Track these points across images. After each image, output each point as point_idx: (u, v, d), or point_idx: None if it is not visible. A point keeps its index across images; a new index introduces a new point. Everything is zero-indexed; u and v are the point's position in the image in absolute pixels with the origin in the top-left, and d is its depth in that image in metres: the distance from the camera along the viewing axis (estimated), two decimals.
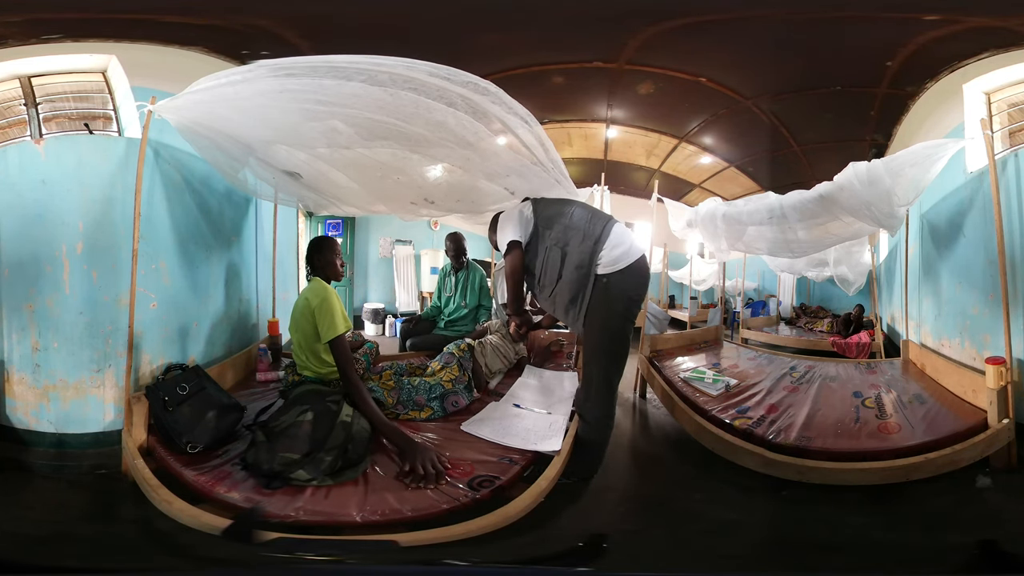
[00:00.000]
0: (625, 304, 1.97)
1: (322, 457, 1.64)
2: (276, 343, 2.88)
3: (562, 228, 2.02)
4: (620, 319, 1.97)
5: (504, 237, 2.07)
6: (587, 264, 1.94)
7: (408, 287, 4.70)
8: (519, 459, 1.80)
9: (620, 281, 1.93)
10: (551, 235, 2.03)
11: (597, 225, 1.99)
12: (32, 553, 1.47)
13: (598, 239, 1.95)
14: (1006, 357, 2.05)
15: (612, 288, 1.93)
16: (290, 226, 3.57)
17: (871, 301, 3.83)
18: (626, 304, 1.97)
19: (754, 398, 2.56)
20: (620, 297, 1.95)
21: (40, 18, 2.10)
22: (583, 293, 1.95)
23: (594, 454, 2.01)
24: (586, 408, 2.02)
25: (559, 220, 2.04)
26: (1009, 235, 2.17)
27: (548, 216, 2.08)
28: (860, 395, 2.56)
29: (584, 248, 1.95)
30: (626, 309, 1.98)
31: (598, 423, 2.00)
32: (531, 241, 2.08)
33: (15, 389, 2.02)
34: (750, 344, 4.09)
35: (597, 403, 1.99)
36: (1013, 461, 1.97)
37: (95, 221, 1.98)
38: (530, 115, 1.88)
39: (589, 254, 1.94)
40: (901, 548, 1.58)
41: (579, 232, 1.99)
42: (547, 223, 2.06)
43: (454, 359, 2.47)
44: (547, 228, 2.04)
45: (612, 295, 1.93)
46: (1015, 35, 2.29)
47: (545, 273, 2.04)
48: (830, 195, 2.63)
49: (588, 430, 2.00)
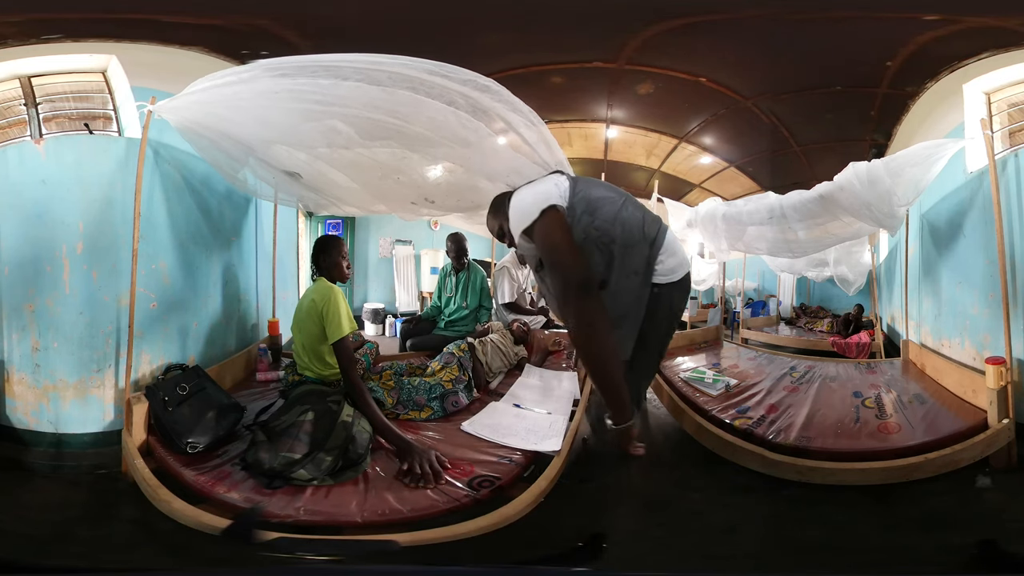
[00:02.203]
0: (671, 322, 1.66)
1: (323, 457, 1.65)
2: (276, 343, 2.88)
3: (610, 219, 1.51)
4: (666, 337, 1.70)
5: (530, 205, 1.51)
6: (643, 271, 1.53)
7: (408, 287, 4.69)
8: (519, 459, 1.80)
9: (670, 294, 1.58)
10: (594, 224, 1.50)
11: (653, 225, 1.58)
12: (32, 553, 1.48)
13: (653, 242, 1.55)
14: (1006, 357, 2.05)
15: (663, 300, 1.57)
16: (290, 226, 3.57)
17: (871, 301, 3.83)
18: (671, 322, 1.67)
19: (754, 398, 2.56)
20: (669, 314, 1.62)
21: (40, 18, 2.10)
22: (638, 309, 1.54)
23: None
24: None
25: (605, 207, 1.53)
26: (1009, 235, 2.17)
27: (591, 199, 1.54)
28: (860, 395, 2.56)
29: (640, 252, 1.53)
30: (671, 328, 1.69)
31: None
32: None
33: (15, 389, 2.01)
34: (750, 344, 4.08)
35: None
36: (1013, 461, 1.97)
37: (95, 221, 1.98)
38: (533, 113, 1.87)
39: (646, 260, 1.53)
40: (901, 548, 1.58)
41: (633, 230, 1.53)
42: (589, 208, 1.52)
43: (454, 359, 2.47)
44: (588, 214, 1.51)
45: (662, 310, 1.58)
46: (1015, 35, 2.29)
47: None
48: (830, 195, 2.63)
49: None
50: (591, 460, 2.23)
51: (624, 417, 1.47)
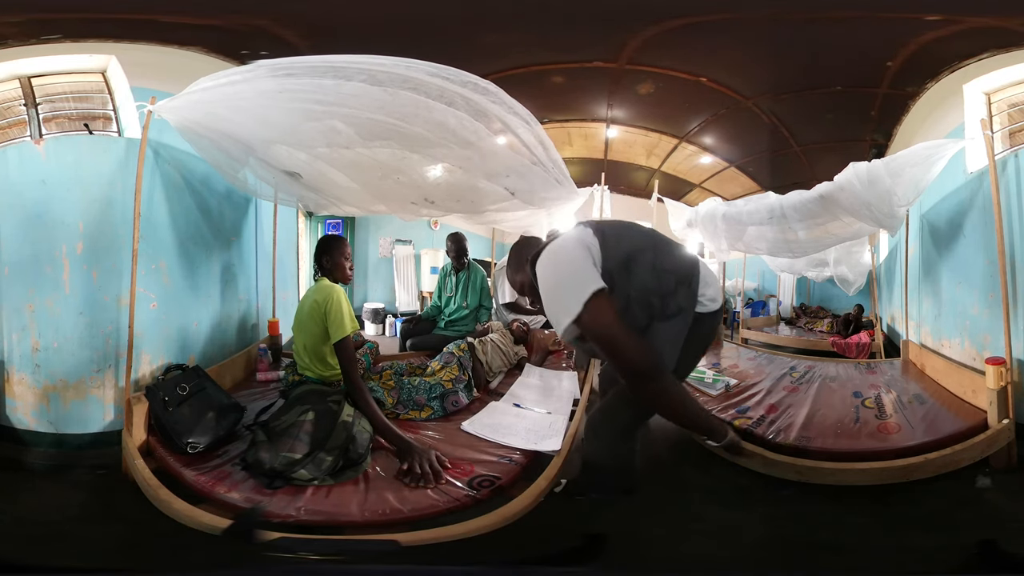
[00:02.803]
0: (705, 344, 1.68)
1: (323, 457, 1.65)
2: (276, 343, 2.88)
3: (647, 271, 1.49)
4: (698, 357, 1.73)
5: (569, 295, 1.36)
6: (686, 308, 1.54)
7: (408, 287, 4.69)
8: (519, 459, 1.80)
9: (707, 321, 1.60)
10: (633, 281, 1.47)
11: (687, 264, 1.59)
12: (32, 553, 1.47)
13: (691, 281, 1.56)
14: (1006, 357, 2.05)
15: (701, 327, 1.59)
16: (290, 226, 3.57)
17: (871, 301, 3.83)
18: (706, 344, 1.69)
19: (754, 398, 2.56)
20: (704, 338, 1.64)
21: (40, 18, 2.10)
22: (678, 338, 1.55)
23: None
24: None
25: (639, 262, 1.50)
26: (1009, 235, 2.17)
27: (624, 256, 1.49)
28: (860, 395, 2.56)
29: (680, 293, 1.53)
30: (705, 349, 1.71)
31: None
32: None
33: (15, 389, 2.02)
34: (750, 344, 4.08)
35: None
36: (1013, 461, 1.97)
37: (95, 221, 1.98)
38: (530, 115, 1.88)
39: (686, 298, 1.54)
40: (901, 548, 1.58)
41: (670, 278, 1.52)
42: (625, 267, 1.48)
43: (454, 359, 2.47)
44: (625, 270, 1.47)
45: (699, 335, 1.59)
46: (1015, 35, 2.29)
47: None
48: (830, 195, 2.63)
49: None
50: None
51: (723, 433, 1.69)
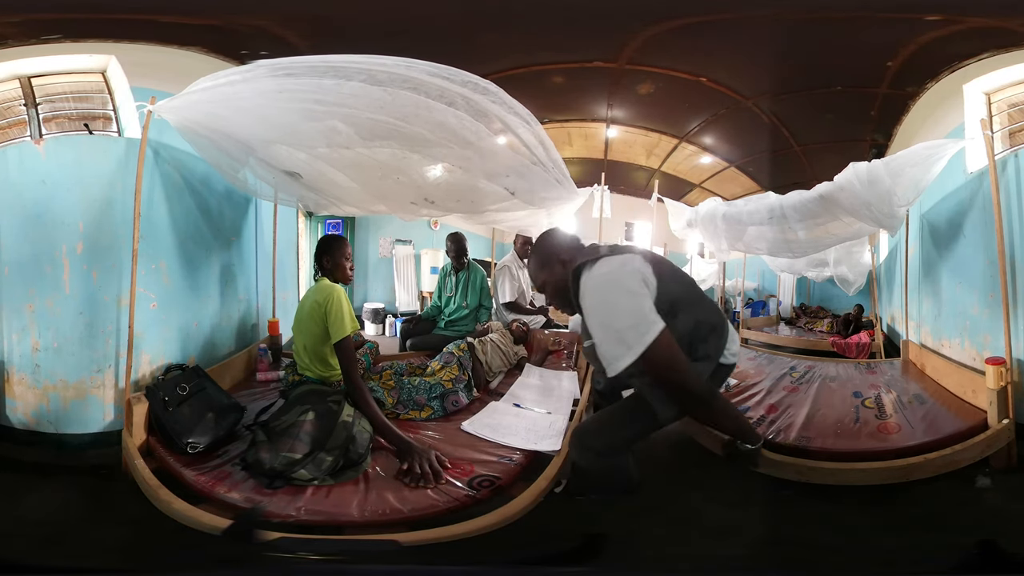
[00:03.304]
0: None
1: (323, 457, 1.65)
2: (276, 343, 2.88)
3: (689, 316, 1.57)
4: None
5: (632, 330, 1.35)
6: (714, 357, 1.63)
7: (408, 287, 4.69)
8: (519, 459, 1.80)
9: (721, 373, 1.70)
10: (679, 323, 1.51)
11: (720, 317, 1.70)
12: (32, 553, 1.47)
13: (722, 333, 1.66)
14: (1006, 357, 2.05)
15: (716, 376, 1.69)
16: (290, 226, 3.57)
17: (871, 301, 3.83)
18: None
19: (754, 398, 2.56)
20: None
21: (40, 18, 2.10)
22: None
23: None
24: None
25: (685, 304, 1.56)
26: (1009, 235, 2.17)
27: (674, 295, 1.53)
28: (860, 395, 2.56)
29: (711, 345, 1.62)
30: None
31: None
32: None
33: (15, 389, 2.02)
34: (750, 344, 4.08)
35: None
36: (1013, 461, 1.97)
37: (95, 221, 1.98)
38: (530, 115, 1.88)
39: (716, 349, 1.64)
40: (901, 548, 1.58)
41: (707, 326, 1.62)
42: (672, 303, 1.50)
43: (454, 358, 2.47)
44: (672, 309, 1.49)
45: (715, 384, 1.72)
46: (1015, 35, 2.29)
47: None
48: (830, 195, 2.63)
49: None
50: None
51: (758, 437, 1.88)
